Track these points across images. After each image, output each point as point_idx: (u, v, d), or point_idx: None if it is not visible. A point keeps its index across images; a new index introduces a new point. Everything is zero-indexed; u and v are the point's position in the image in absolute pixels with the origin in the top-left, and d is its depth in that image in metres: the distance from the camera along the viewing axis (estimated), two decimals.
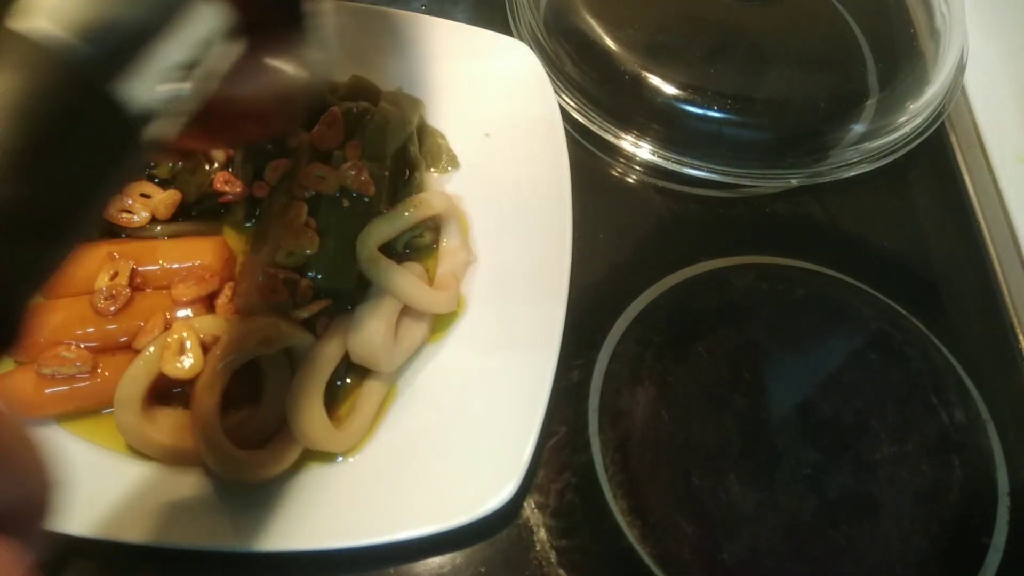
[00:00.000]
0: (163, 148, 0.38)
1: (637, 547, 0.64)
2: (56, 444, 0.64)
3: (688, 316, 0.77)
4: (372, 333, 0.64)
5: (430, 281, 0.72)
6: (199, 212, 0.72)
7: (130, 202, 0.68)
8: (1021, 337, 0.80)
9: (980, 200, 0.88)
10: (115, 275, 0.66)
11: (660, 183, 0.86)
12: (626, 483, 0.67)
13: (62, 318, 0.65)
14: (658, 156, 0.84)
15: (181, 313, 0.66)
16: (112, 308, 0.65)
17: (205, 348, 0.64)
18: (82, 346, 0.64)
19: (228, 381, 0.63)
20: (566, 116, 0.81)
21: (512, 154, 0.80)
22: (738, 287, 0.79)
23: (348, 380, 0.69)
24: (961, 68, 0.89)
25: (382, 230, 0.69)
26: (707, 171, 0.83)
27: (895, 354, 0.76)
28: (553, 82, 0.83)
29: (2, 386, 0.64)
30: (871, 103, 0.85)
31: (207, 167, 0.72)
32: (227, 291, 0.69)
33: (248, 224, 0.76)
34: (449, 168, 0.81)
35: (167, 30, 0.34)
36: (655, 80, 0.84)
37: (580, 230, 0.73)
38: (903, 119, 0.85)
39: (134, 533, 0.59)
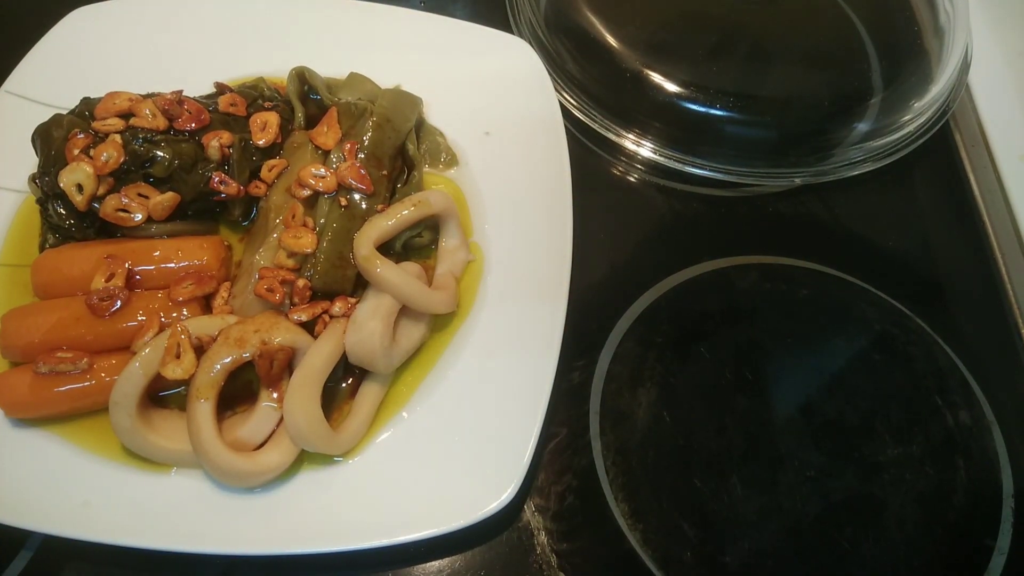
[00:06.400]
0: None
1: (639, 550, 0.64)
2: (52, 448, 0.63)
3: (690, 317, 0.76)
4: (370, 334, 0.64)
5: (429, 281, 0.71)
6: (195, 211, 0.71)
7: (126, 201, 0.67)
8: None
9: (985, 199, 0.87)
10: (111, 276, 0.65)
11: (662, 182, 0.86)
12: (627, 486, 0.67)
13: (58, 319, 0.64)
14: (660, 155, 0.84)
15: (178, 314, 0.65)
16: (109, 310, 0.64)
17: (202, 349, 0.63)
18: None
19: (224, 382, 0.62)
20: (567, 114, 0.81)
21: (512, 152, 0.79)
22: (741, 287, 0.78)
23: (346, 382, 0.68)
24: (965, 66, 0.88)
25: (380, 229, 0.68)
26: (709, 170, 0.83)
27: (899, 355, 0.75)
28: (554, 80, 0.82)
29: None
30: (875, 101, 0.84)
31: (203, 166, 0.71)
32: (223, 292, 0.68)
33: (245, 223, 0.75)
34: (449, 167, 0.80)
35: None
36: (657, 78, 0.83)
37: (581, 229, 0.72)
38: (907, 117, 0.84)
39: (130, 536, 0.59)
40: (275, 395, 0.63)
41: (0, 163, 0.76)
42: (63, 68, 0.81)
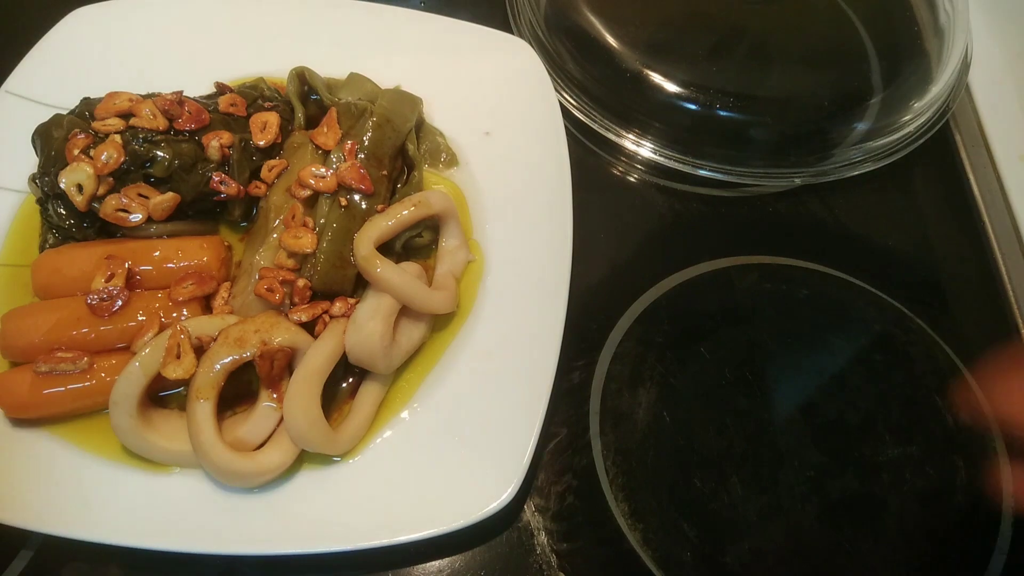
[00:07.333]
0: None
1: (638, 550, 0.64)
2: (51, 449, 0.63)
3: (690, 317, 0.76)
4: (370, 334, 0.64)
5: (429, 281, 0.71)
6: (195, 211, 0.71)
7: (126, 201, 0.67)
8: None
9: (984, 199, 0.87)
10: (111, 276, 0.65)
11: (662, 182, 0.86)
12: (627, 486, 0.67)
13: (58, 319, 0.64)
14: (660, 155, 0.84)
15: (178, 314, 0.65)
16: (109, 310, 0.64)
17: (202, 349, 0.63)
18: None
19: (224, 382, 0.62)
20: (567, 114, 0.80)
21: (512, 152, 0.79)
22: (741, 287, 0.78)
23: (346, 382, 0.68)
24: (965, 66, 0.88)
25: (380, 229, 0.68)
26: (709, 170, 0.83)
27: (899, 355, 0.75)
28: (554, 80, 0.82)
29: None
30: (875, 101, 0.84)
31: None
32: (223, 292, 0.68)
33: (245, 223, 0.75)
34: (449, 167, 0.80)
35: None
36: (657, 78, 0.83)
37: (581, 229, 0.72)
38: (907, 118, 0.84)
39: (130, 536, 0.59)
40: (275, 395, 0.63)
41: (0, 163, 0.76)
42: (63, 68, 0.81)
